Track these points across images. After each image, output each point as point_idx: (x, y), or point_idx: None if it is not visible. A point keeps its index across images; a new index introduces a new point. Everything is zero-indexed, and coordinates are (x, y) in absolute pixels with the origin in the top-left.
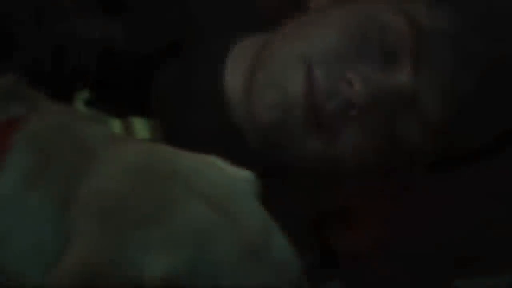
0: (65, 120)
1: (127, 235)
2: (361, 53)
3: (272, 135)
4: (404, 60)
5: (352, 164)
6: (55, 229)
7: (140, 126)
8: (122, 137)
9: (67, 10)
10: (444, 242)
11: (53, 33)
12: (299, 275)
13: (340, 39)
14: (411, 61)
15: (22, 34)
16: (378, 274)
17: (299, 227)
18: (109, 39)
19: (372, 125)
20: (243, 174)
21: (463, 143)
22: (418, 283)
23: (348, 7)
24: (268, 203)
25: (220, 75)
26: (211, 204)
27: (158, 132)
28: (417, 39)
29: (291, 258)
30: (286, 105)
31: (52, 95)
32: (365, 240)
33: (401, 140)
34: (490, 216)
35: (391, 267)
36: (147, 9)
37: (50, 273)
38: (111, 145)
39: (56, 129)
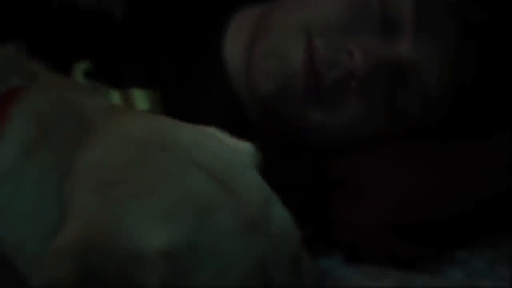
0: (64, 92)
1: (126, 207)
2: (361, 23)
3: (272, 105)
4: (404, 30)
5: (352, 134)
6: (54, 200)
7: (140, 98)
8: (122, 109)
9: None
10: (445, 213)
11: (53, 4)
12: (298, 248)
13: (340, 9)
14: (412, 31)
15: (22, 5)
16: (379, 247)
17: (299, 199)
18: (108, 10)
19: (372, 95)
20: (243, 146)
21: (464, 114)
22: (419, 255)
23: None
24: (268, 174)
25: (220, 46)
26: (211, 176)
27: (158, 103)
28: (417, 9)
29: (290, 230)
30: (286, 75)
31: (52, 66)
32: (366, 211)
33: (401, 110)
34: (496, 189)
35: (392, 239)
36: None
37: (48, 246)
38: (111, 117)
39: (56, 100)
